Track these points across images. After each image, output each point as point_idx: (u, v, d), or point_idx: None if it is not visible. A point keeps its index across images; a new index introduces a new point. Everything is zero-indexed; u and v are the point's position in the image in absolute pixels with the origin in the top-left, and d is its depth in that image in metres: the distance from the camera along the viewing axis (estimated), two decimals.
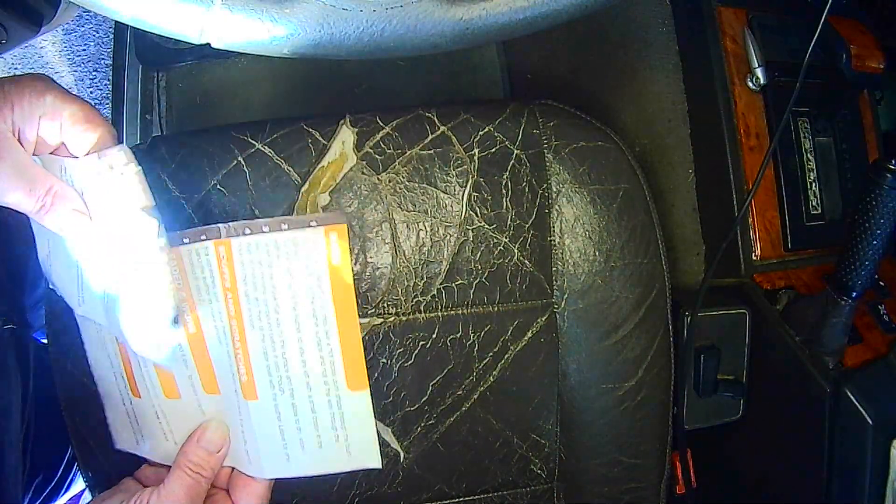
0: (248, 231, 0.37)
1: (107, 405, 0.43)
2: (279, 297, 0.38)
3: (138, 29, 0.35)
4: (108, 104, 1.06)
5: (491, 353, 0.54)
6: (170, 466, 0.41)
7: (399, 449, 0.54)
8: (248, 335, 0.38)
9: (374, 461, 0.42)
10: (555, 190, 0.55)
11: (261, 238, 0.37)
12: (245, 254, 0.37)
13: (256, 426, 0.40)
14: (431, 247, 0.53)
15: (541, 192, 0.55)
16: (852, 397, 0.58)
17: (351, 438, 0.41)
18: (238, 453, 0.42)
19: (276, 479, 0.43)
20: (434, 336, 0.53)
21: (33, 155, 0.36)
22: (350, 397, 0.40)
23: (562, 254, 0.55)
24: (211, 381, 0.40)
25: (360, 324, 0.53)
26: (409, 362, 0.53)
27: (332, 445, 0.41)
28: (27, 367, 0.48)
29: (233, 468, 0.43)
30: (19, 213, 0.36)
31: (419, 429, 0.54)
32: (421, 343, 0.53)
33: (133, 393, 0.41)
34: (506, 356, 0.54)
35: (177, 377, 0.40)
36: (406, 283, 0.53)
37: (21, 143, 0.35)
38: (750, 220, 0.68)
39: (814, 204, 0.71)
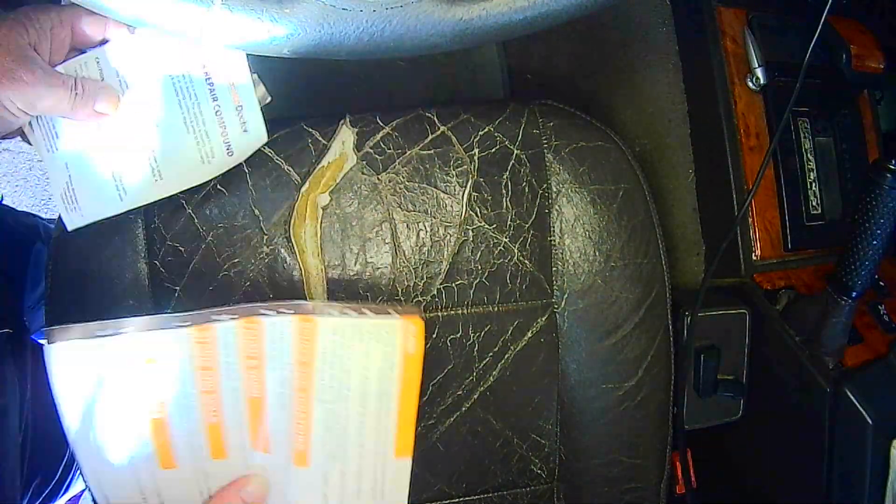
0: (333, 313, 0.38)
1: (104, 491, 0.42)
2: (353, 376, 0.39)
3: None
4: None
5: (491, 353, 0.54)
6: None
7: None
8: (314, 408, 0.39)
9: None
10: (555, 190, 0.55)
11: (346, 321, 0.38)
12: (329, 335, 0.38)
13: (302, 491, 0.41)
14: (431, 247, 0.53)
15: (541, 192, 0.55)
16: (852, 397, 0.58)
17: (386, 500, 0.42)
18: None
19: None
20: (434, 336, 0.53)
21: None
22: (394, 464, 0.41)
23: (562, 254, 0.55)
24: (264, 442, 0.40)
25: None
26: None
27: (367, 501, 0.43)
28: (25, 370, 0.48)
29: None
30: (14, 215, 0.37)
31: (419, 429, 0.54)
32: None
33: (164, 465, 0.40)
34: (506, 356, 0.54)
35: (229, 431, 0.40)
36: (406, 283, 0.53)
37: (40, 55, 0.40)
38: (750, 220, 0.68)
39: (814, 204, 0.71)
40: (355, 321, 0.39)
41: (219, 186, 0.52)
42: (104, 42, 0.44)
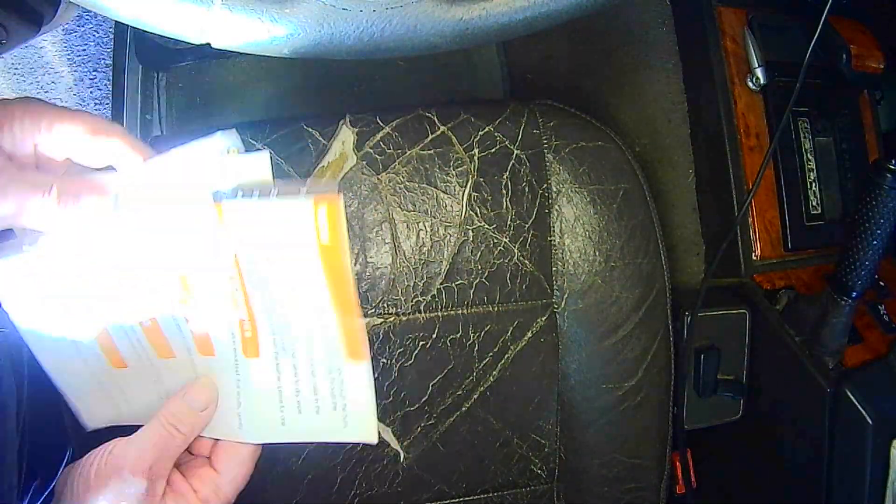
0: (239, 194, 0.36)
1: (71, 393, 0.42)
2: (275, 266, 0.37)
3: (138, 29, 0.35)
4: (108, 104, 1.06)
5: (491, 353, 0.54)
6: None
7: (399, 449, 0.54)
8: (251, 294, 0.38)
9: (371, 436, 0.42)
10: (555, 190, 0.55)
11: (247, 204, 0.35)
12: (235, 219, 0.36)
13: (255, 384, 0.40)
14: (431, 247, 0.53)
15: (541, 192, 0.55)
16: (852, 397, 0.58)
17: (349, 409, 0.41)
18: (228, 419, 0.41)
19: (269, 443, 0.42)
20: (434, 336, 0.53)
21: None
22: (350, 367, 0.39)
23: (562, 254, 0.55)
24: (206, 343, 0.40)
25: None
26: (410, 362, 0.53)
27: (330, 413, 0.41)
28: (21, 371, 0.48)
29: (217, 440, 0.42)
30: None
31: (419, 429, 0.54)
32: (421, 343, 0.53)
33: (115, 365, 0.40)
34: (506, 356, 0.54)
35: (169, 338, 0.39)
36: (406, 283, 0.53)
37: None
38: (750, 220, 0.68)
39: (814, 204, 0.71)
40: (255, 203, 0.35)
41: None
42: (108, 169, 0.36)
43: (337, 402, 0.40)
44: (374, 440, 0.42)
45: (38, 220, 0.34)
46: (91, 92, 1.12)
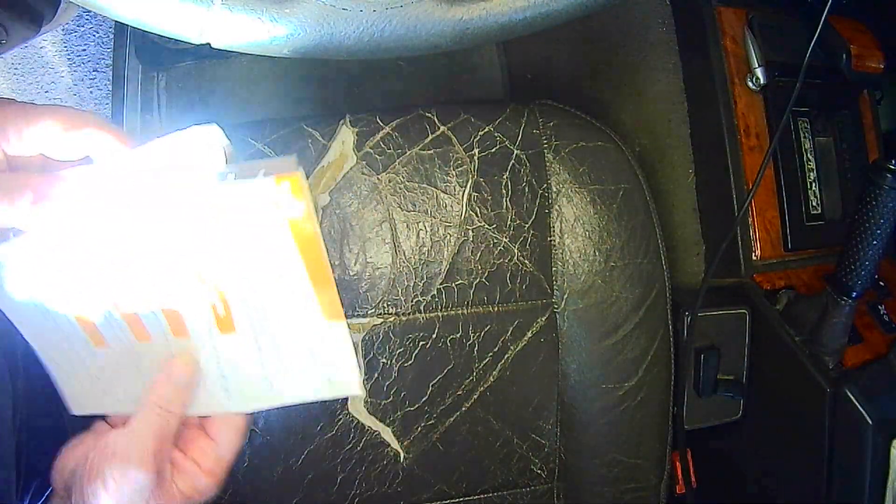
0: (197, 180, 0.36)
1: (57, 374, 0.43)
2: (245, 246, 0.37)
3: (138, 29, 0.35)
4: (108, 104, 1.06)
5: (491, 353, 0.54)
6: None
7: (399, 449, 0.54)
8: (223, 277, 0.38)
9: (357, 389, 0.42)
10: (555, 190, 0.55)
11: (212, 188, 0.35)
12: (201, 200, 0.36)
13: (236, 357, 0.40)
14: (431, 247, 0.53)
15: (541, 192, 0.55)
16: (852, 397, 0.58)
17: (332, 367, 0.41)
18: (215, 393, 0.41)
19: (260, 410, 0.42)
20: (434, 336, 0.53)
21: None
22: (328, 328, 0.40)
23: (562, 254, 0.55)
24: (180, 325, 0.40)
25: (360, 324, 0.53)
26: (409, 362, 0.53)
27: (314, 371, 0.41)
28: (16, 369, 0.48)
29: None
30: None
31: (419, 429, 0.54)
32: (421, 343, 0.53)
33: (96, 344, 0.40)
34: (506, 356, 0.54)
35: (144, 321, 0.40)
36: (406, 283, 0.53)
37: None
38: (750, 220, 0.68)
39: (814, 204, 0.71)
40: (217, 187, 0.35)
41: None
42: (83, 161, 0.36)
43: (318, 361, 0.41)
44: (360, 393, 0.42)
45: (15, 223, 0.34)
46: (91, 92, 1.12)
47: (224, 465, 0.40)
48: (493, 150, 0.55)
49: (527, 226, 0.54)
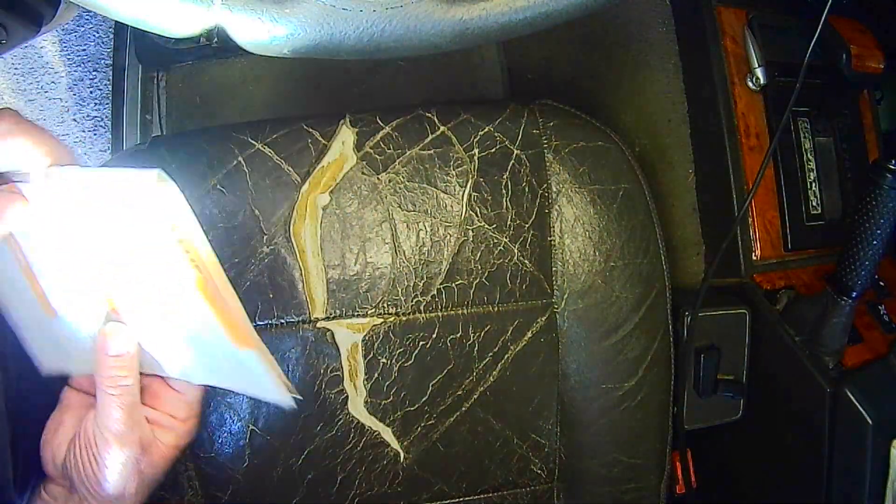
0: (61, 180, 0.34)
1: (26, 335, 0.43)
2: (139, 267, 0.37)
3: (138, 29, 0.35)
4: (108, 104, 1.06)
5: (491, 353, 0.54)
6: None
7: (399, 449, 0.54)
8: (98, 268, 0.38)
9: (287, 403, 0.42)
10: (555, 190, 0.55)
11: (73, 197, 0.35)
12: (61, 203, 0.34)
13: (164, 341, 0.40)
14: (431, 247, 0.53)
15: (541, 192, 0.55)
16: (852, 397, 0.58)
17: (257, 386, 0.41)
18: (154, 359, 0.42)
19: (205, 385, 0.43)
20: (434, 336, 0.53)
21: None
22: (241, 353, 0.39)
23: (562, 254, 0.55)
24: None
25: (360, 324, 0.53)
26: (409, 362, 0.53)
27: (243, 380, 0.41)
28: (4, 357, 0.48)
29: None
30: None
31: (419, 429, 0.54)
32: (421, 343, 0.53)
33: (47, 312, 0.41)
34: (506, 356, 0.54)
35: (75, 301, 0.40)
36: (406, 283, 0.53)
37: None
38: (750, 220, 0.68)
39: (814, 204, 0.71)
40: (80, 193, 0.34)
41: (218, 186, 0.52)
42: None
43: (242, 378, 0.41)
44: (291, 406, 0.41)
45: None
46: (91, 92, 1.12)
47: (197, 405, 0.41)
48: (493, 150, 0.55)
49: (527, 226, 0.54)
